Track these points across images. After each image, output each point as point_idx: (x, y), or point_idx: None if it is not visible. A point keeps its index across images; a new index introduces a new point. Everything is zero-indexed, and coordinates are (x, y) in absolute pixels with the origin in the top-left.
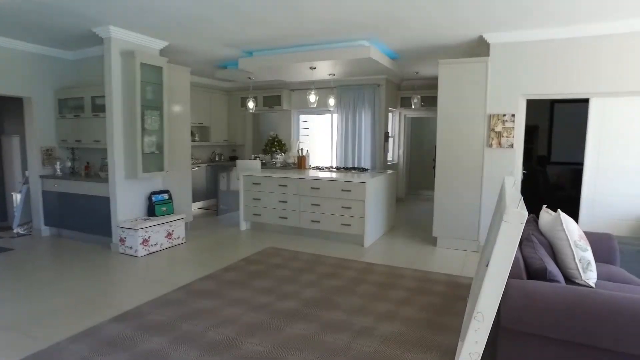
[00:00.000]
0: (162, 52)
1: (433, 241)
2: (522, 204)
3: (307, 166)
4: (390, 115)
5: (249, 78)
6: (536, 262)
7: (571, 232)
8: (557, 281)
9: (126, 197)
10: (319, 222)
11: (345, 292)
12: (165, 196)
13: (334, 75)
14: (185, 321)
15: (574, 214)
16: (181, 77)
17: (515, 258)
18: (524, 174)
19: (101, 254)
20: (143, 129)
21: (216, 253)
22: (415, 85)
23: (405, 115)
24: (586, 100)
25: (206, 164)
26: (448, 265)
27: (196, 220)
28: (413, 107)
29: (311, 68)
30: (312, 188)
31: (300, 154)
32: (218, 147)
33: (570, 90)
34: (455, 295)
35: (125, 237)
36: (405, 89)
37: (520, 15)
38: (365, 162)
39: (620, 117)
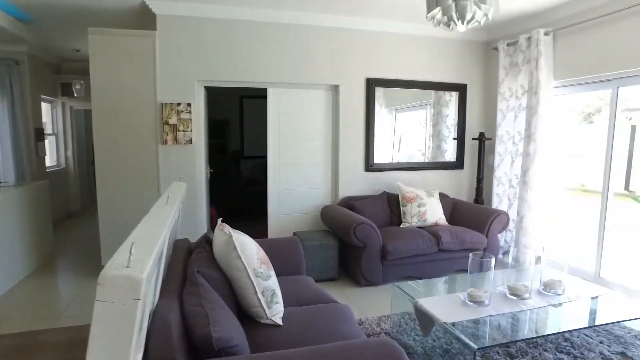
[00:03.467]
0: None
1: None
2: (143, 253)
3: None
4: (47, 106)
5: None
6: (200, 325)
7: (249, 258)
8: (234, 346)
9: None
10: None
11: None
12: None
13: None
14: None
15: (266, 208)
16: None
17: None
18: (210, 172)
19: None
20: None
21: None
22: (79, 68)
23: (71, 107)
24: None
25: None
26: None
27: None
28: (76, 95)
29: None
30: None
31: None
32: None
33: (249, 79)
34: None
35: None
36: (67, 73)
37: None
38: (7, 171)
39: (295, 110)
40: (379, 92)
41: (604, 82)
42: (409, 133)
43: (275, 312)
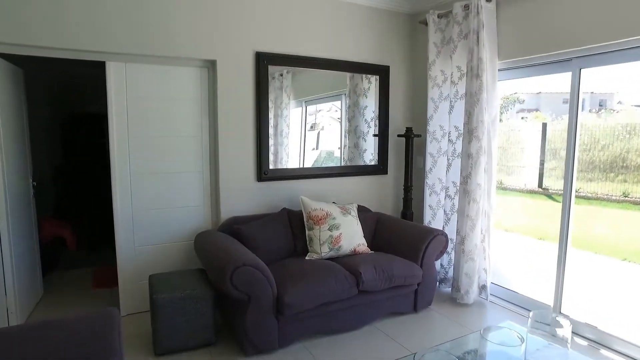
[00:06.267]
0: None
1: None
2: None
3: None
4: None
5: None
6: None
7: None
8: None
9: None
10: None
11: None
12: None
13: None
14: None
15: None
16: None
17: None
18: (34, 185)
19: None
20: None
21: None
22: None
23: None
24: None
25: None
26: None
27: None
28: None
29: None
30: None
31: None
32: None
33: (78, 45)
34: None
35: None
36: None
37: None
38: None
39: (153, 95)
40: (287, 80)
41: (562, 62)
42: (325, 129)
43: None
